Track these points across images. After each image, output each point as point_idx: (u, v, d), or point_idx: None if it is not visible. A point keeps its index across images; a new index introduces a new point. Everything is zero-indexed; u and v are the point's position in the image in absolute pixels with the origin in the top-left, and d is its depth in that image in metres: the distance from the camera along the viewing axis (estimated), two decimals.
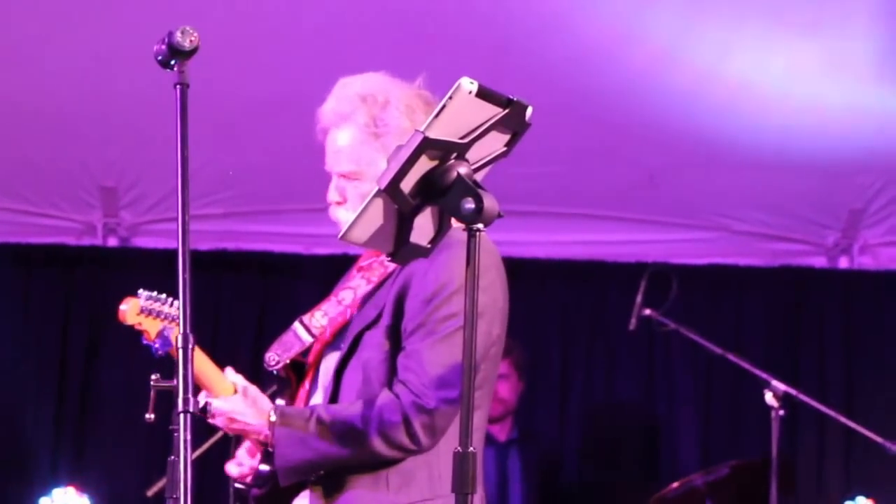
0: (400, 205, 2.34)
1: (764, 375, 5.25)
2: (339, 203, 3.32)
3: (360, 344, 3.17)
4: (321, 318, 3.27)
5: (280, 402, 3.31)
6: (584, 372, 7.08)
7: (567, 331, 7.14)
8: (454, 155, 2.34)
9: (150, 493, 5.37)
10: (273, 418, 3.13)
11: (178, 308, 3.17)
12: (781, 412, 5.14)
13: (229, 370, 3.31)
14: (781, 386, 5.17)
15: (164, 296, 3.18)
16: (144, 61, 2.57)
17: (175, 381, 2.36)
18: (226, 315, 7.01)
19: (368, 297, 3.25)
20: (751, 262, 6.93)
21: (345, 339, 3.21)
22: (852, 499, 6.46)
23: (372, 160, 3.21)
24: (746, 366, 5.39)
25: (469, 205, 2.30)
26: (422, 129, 2.29)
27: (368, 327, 3.17)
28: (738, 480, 5.67)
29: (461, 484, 2.28)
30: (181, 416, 2.31)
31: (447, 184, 2.33)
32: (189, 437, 2.31)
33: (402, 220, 2.37)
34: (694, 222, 6.72)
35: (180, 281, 2.40)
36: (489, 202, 2.29)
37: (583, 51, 5.32)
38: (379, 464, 3.10)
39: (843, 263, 7.03)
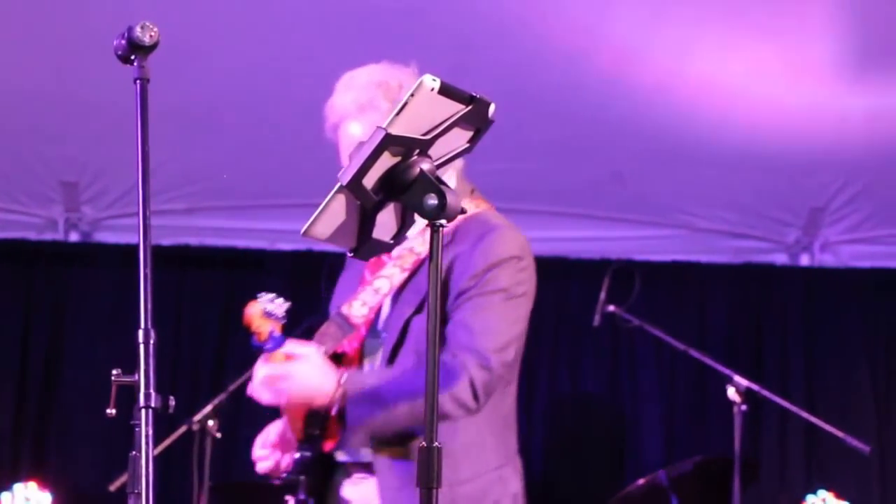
0: (362, 201, 2.34)
1: (726, 371, 5.27)
2: None
3: (408, 330, 3.22)
4: (361, 308, 3.30)
5: None
6: (548, 368, 7.09)
7: (531, 327, 7.12)
8: (417, 151, 2.34)
9: (112, 487, 5.36)
10: (343, 378, 3.14)
11: (285, 308, 3.20)
12: (744, 407, 5.17)
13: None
14: (744, 381, 5.20)
15: (280, 299, 3.20)
16: (105, 56, 2.56)
17: (136, 376, 2.34)
18: (189, 311, 7.00)
19: (405, 285, 3.28)
20: (713, 260, 6.97)
21: (390, 327, 3.25)
22: (814, 492, 6.51)
23: None
24: (709, 362, 5.41)
25: (432, 201, 2.30)
26: (384, 125, 2.29)
27: (416, 314, 3.22)
28: (702, 476, 5.69)
29: (427, 478, 2.27)
30: (142, 411, 2.31)
31: (410, 180, 2.33)
32: (151, 432, 2.31)
33: (364, 216, 2.37)
34: (657, 220, 6.75)
35: (141, 276, 2.40)
36: (451, 198, 2.30)
37: (546, 49, 5.33)
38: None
39: (805, 261, 7.08)
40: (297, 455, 3.26)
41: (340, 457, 3.27)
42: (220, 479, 6.04)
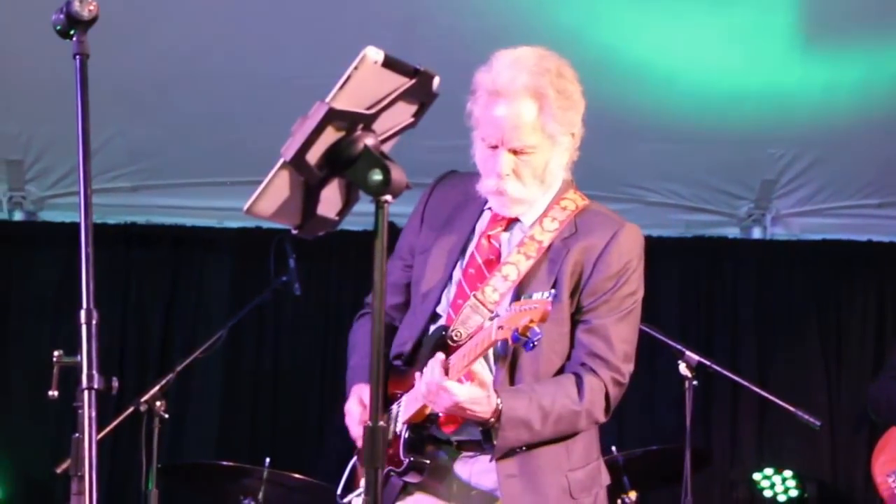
0: (306, 176, 2.28)
1: (677, 346, 5.24)
2: (507, 175, 3.28)
3: None
4: (493, 294, 3.30)
5: None
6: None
7: None
8: (361, 126, 2.29)
9: (59, 470, 5.29)
10: (500, 405, 3.19)
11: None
12: (695, 382, 5.14)
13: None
14: (695, 356, 5.16)
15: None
16: (49, 32, 2.52)
17: (79, 358, 2.30)
18: (136, 289, 6.93)
19: (531, 273, 3.31)
20: (664, 234, 6.95)
21: None
22: (762, 470, 6.54)
23: (554, 134, 3.25)
24: (660, 336, 5.37)
25: (376, 177, 2.25)
26: (327, 99, 2.24)
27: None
28: (654, 460, 5.70)
29: (371, 458, 2.25)
30: (85, 392, 2.28)
31: (354, 155, 2.27)
32: (94, 414, 2.29)
33: (308, 192, 2.32)
34: (607, 194, 6.70)
35: (83, 255, 2.36)
36: (397, 174, 2.25)
37: (492, 24, 5.30)
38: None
39: (756, 233, 7.08)
40: (407, 435, 3.31)
41: (455, 436, 3.33)
42: (169, 460, 6.01)
